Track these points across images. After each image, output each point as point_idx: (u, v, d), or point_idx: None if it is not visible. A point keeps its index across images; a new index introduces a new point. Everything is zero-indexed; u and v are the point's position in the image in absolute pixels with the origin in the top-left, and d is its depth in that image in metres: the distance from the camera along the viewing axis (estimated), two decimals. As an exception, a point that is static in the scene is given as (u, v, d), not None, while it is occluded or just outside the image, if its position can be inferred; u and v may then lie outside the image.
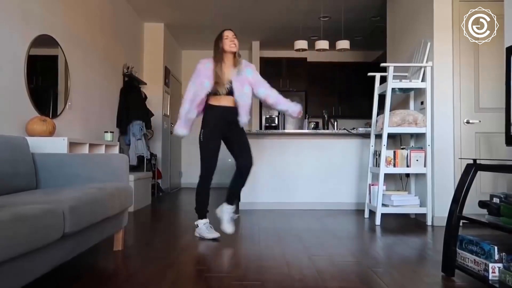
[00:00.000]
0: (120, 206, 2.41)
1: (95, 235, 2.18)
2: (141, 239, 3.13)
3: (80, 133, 4.18)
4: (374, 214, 3.91)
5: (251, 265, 2.43)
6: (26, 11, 3.26)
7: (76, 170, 2.63)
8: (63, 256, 1.84)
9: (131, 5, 5.81)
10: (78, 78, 4.15)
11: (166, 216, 4.46)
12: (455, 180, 3.68)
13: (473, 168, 2.10)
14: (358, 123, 6.83)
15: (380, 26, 6.20)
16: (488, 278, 1.86)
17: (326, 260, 2.47)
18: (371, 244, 3.08)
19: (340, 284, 2.02)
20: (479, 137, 3.77)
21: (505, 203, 1.96)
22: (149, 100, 6.13)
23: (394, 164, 3.90)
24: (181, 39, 7.43)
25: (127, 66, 5.53)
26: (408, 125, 3.88)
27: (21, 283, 1.51)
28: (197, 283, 2.03)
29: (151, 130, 6.01)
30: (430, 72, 3.87)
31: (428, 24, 3.95)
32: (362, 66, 7.18)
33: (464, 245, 2.07)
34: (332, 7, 5.78)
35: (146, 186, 5.06)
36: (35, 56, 3.34)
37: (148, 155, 5.52)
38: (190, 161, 8.08)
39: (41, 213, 1.55)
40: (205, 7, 5.84)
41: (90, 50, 4.46)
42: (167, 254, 2.66)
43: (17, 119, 3.14)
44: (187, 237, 3.17)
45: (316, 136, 4.86)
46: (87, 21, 4.40)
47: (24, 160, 2.46)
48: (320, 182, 4.79)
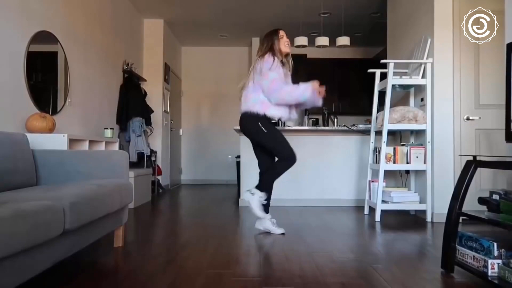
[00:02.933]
0: (120, 202, 2.41)
1: (95, 231, 2.19)
2: (141, 236, 3.13)
3: (80, 129, 4.18)
4: (374, 210, 3.91)
5: (251, 260, 2.44)
6: (26, 8, 3.25)
7: (76, 166, 2.63)
8: (64, 252, 1.84)
9: (130, 2, 5.79)
10: (78, 75, 4.15)
11: (166, 213, 4.46)
12: (455, 177, 3.69)
13: (473, 164, 2.10)
14: (358, 119, 6.83)
15: (380, 22, 6.19)
16: (488, 275, 1.86)
17: (326, 256, 2.48)
18: (370, 241, 3.08)
19: (340, 280, 2.03)
20: (479, 134, 3.77)
21: (505, 200, 1.96)
22: (149, 96, 6.13)
23: (394, 160, 3.91)
24: (181, 35, 7.42)
25: (126, 63, 5.52)
26: (408, 121, 3.87)
27: (22, 279, 1.51)
28: (197, 279, 2.04)
29: (151, 127, 6.01)
30: (430, 69, 3.87)
31: (428, 20, 3.94)
32: (362, 63, 7.15)
33: (464, 241, 2.07)
34: (332, 3, 5.77)
35: (146, 182, 5.07)
36: (34, 52, 3.33)
37: (148, 152, 5.52)
38: (190, 158, 8.10)
39: (41, 210, 1.55)
40: (205, 3, 5.83)
41: (89, 47, 4.46)
42: (167, 251, 2.66)
43: (17, 115, 3.14)
44: (187, 234, 3.18)
45: (316, 133, 4.86)
46: (86, 18, 4.39)
47: (24, 156, 2.46)
48: (320, 178, 4.79)
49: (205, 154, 8.07)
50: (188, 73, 8.08)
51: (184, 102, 8.10)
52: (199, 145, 8.08)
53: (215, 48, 7.96)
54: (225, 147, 7.82)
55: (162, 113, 6.51)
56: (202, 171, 8.06)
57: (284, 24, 6.56)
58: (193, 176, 8.06)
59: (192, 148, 8.11)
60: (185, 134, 8.09)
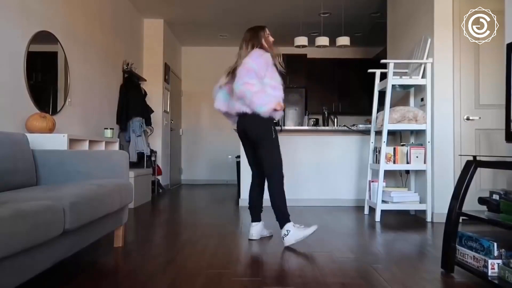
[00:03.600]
0: (120, 202, 2.41)
1: (95, 231, 2.19)
2: (141, 236, 3.13)
3: (80, 129, 4.18)
4: (374, 210, 3.91)
5: (251, 260, 2.44)
6: (26, 8, 3.25)
7: (76, 166, 2.63)
8: (64, 252, 1.84)
9: (130, 2, 5.79)
10: (78, 75, 4.15)
11: (166, 213, 4.46)
12: (455, 177, 3.69)
13: (473, 164, 2.10)
14: (358, 119, 6.83)
15: (380, 22, 6.19)
16: (488, 275, 1.86)
17: (326, 257, 2.48)
18: (370, 241, 3.08)
19: (340, 280, 2.03)
20: (479, 134, 3.77)
21: (505, 200, 1.96)
22: (149, 96, 6.13)
23: (394, 160, 3.91)
24: (181, 35, 7.42)
25: (126, 63, 5.52)
26: (408, 121, 3.87)
27: (22, 279, 1.51)
28: (197, 279, 2.04)
29: (151, 127, 6.01)
30: (430, 69, 3.87)
31: (428, 20, 3.94)
32: (362, 63, 7.16)
33: (464, 241, 2.07)
34: (332, 3, 5.77)
35: (146, 182, 5.07)
36: (34, 52, 3.33)
37: (148, 152, 5.52)
38: (190, 158, 8.10)
39: (41, 210, 1.55)
40: (205, 3, 5.83)
41: (89, 47, 4.46)
42: (167, 251, 2.66)
43: (17, 115, 3.14)
44: (187, 233, 3.18)
45: (316, 133, 4.86)
46: (86, 18, 4.38)
47: (24, 156, 2.46)
48: (320, 178, 4.79)
49: (205, 154, 8.07)
50: (188, 73, 8.08)
51: (184, 102, 8.10)
52: (199, 145, 8.08)
53: (215, 48, 7.95)
54: (225, 147, 7.82)
55: (162, 113, 6.51)
56: (202, 171, 8.06)
57: (284, 24, 6.59)
58: (193, 176, 8.06)
59: (192, 148, 8.11)
60: (185, 134, 8.09)
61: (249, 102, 2.73)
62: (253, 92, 2.70)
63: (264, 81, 2.77)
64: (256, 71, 2.72)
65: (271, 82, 2.81)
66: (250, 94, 2.70)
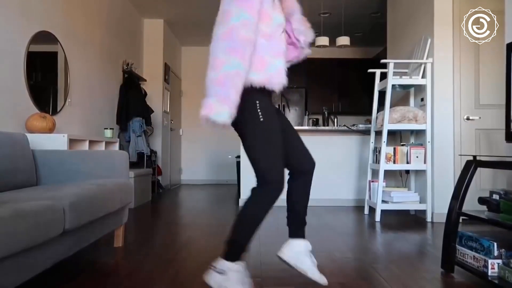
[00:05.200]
0: (120, 202, 2.41)
1: (95, 231, 2.19)
2: (141, 236, 3.13)
3: (80, 129, 4.18)
4: (374, 210, 3.91)
5: (251, 261, 2.44)
6: (26, 8, 3.25)
7: (76, 166, 2.63)
8: (64, 252, 1.84)
9: (130, 2, 5.79)
10: (78, 75, 4.15)
11: (166, 213, 4.46)
12: (455, 177, 3.69)
13: (473, 164, 2.10)
14: (358, 119, 6.83)
15: (380, 22, 6.19)
16: (488, 274, 1.86)
17: (326, 256, 2.47)
18: (370, 241, 3.08)
19: (339, 280, 2.03)
20: (479, 134, 3.77)
21: (505, 200, 1.96)
22: (149, 96, 6.13)
23: (394, 160, 3.91)
24: (181, 35, 7.41)
25: (126, 63, 5.52)
26: (408, 121, 3.87)
27: (22, 279, 1.51)
28: (197, 279, 2.04)
29: (151, 127, 6.01)
30: (430, 69, 3.87)
31: (429, 20, 3.94)
32: (362, 63, 7.16)
33: (464, 241, 2.07)
34: (332, 3, 5.77)
35: (146, 182, 5.07)
36: (34, 52, 3.33)
37: (148, 152, 5.52)
38: (190, 158, 8.10)
39: (41, 210, 1.55)
40: (204, 3, 5.82)
41: (89, 47, 4.46)
42: (167, 250, 2.66)
43: (17, 115, 3.14)
44: (187, 233, 3.18)
45: (316, 133, 4.86)
46: (86, 18, 4.38)
47: (24, 156, 2.46)
48: (320, 178, 4.77)
49: (205, 154, 8.07)
50: (188, 73, 8.07)
51: (184, 102, 8.09)
52: (199, 145, 8.08)
53: (215, 48, 7.94)
54: (225, 147, 7.82)
55: (162, 113, 6.51)
56: (202, 171, 8.06)
57: (284, 24, 6.58)
58: (193, 176, 8.06)
59: (192, 148, 8.11)
60: (185, 134, 8.09)
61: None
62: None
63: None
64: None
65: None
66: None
